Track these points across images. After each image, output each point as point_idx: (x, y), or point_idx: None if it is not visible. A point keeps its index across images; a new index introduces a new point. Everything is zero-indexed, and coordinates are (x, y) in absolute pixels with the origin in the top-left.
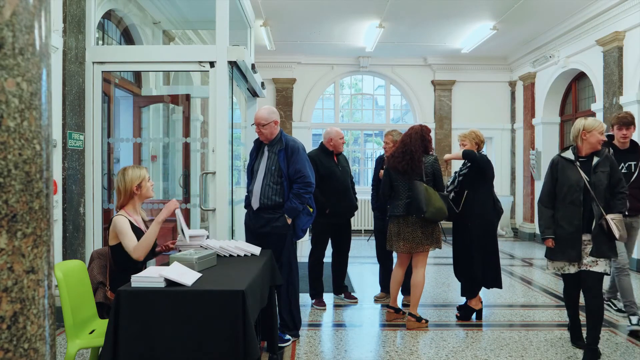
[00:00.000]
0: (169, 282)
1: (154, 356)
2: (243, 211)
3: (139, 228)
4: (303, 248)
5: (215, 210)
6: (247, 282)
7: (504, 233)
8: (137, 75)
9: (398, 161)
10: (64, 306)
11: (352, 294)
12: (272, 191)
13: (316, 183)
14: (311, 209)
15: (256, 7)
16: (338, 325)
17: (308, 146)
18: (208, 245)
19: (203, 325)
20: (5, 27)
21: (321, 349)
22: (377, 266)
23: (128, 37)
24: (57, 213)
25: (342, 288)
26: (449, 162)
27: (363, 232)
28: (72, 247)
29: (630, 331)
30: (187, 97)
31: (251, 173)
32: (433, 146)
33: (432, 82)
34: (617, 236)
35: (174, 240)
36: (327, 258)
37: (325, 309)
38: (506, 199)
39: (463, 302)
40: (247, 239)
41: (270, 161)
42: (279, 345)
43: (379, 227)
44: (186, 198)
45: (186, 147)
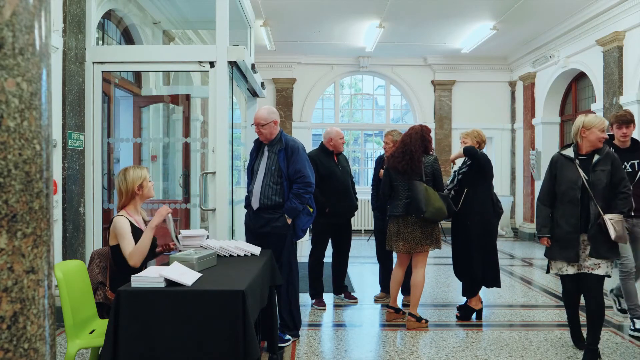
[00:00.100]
0: (169, 282)
1: (154, 356)
2: (243, 211)
3: (140, 228)
4: (303, 248)
5: (215, 210)
6: (247, 282)
7: (504, 233)
8: (137, 75)
9: (398, 161)
10: (64, 306)
11: (352, 294)
12: (272, 191)
13: (316, 183)
14: (311, 209)
15: (256, 7)
16: (338, 325)
17: (308, 146)
18: (208, 245)
19: (203, 325)
20: (5, 27)
21: (321, 349)
22: (377, 266)
23: (128, 37)
24: (57, 213)
25: (342, 288)
26: (450, 163)
27: (363, 232)
28: (72, 247)
29: (631, 335)
30: (187, 97)
31: (251, 173)
32: (433, 146)
33: (432, 82)
34: (613, 237)
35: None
36: (327, 258)
37: (325, 309)
38: (506, 199)
39: (463, 302)
40: (247, 239)
41: (270, 161)
42: (279, 345)
43: (379, 227)
44: (186, 198)
45: (186, 147)
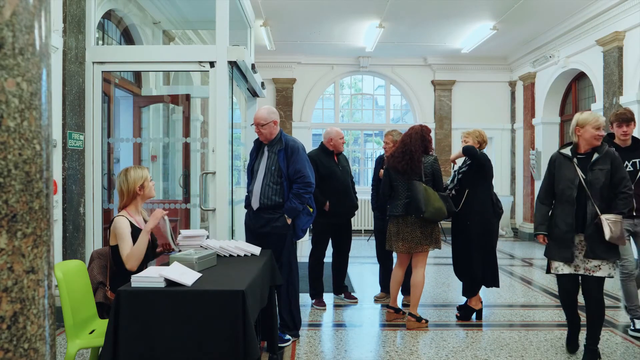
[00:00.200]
0: (169, 282)
1: (154, 356)
2: (243, 211)
3: (140, 228)
4: (303, 248)
5: (215, 210)
6: (247, 282)
7: (504, 233)
8: (137, 75)
9: (398, 161)
10: (64, 306)
11: (352, 294)
12: (272, 191)
13: (316, 183)
14: (311, 209)
15: (256, 7)
16: (338, 325)
17: (308, 146)
18: (208, 245)
19: (203, 325)
20: (5, 27)
21: (321, 349)
22: (377, 266)
23: (128, 37)
24: (57, 213)
25: (342, 288)
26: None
27: (363, 232)
28: (72, 247)
29: (631, 335)
30: (187, 97)
31: (251, 173)
32: (433, 146)
33: (432, 82)
34: (607, 237)
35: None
36: (327, 258)
37: (325, 309)
38: (506, 199)
39: (463, 302)
40: (247, 239)
41: (270, 161)
42: (279, 345)
43: (379, 227)
44: (186, 198)
45: (186, 147)
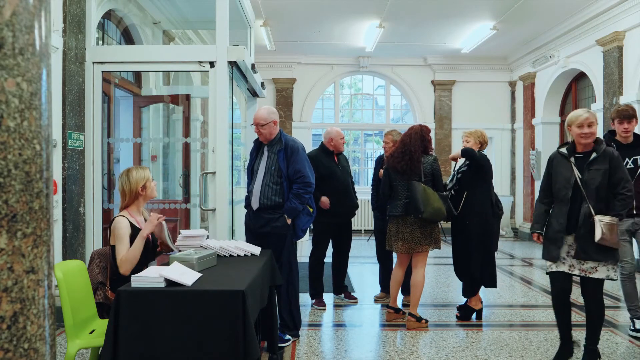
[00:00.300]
0: (169, 282)
1: (154, 356)
2: (243, 211)
3: (140, 229)
4: (303, 248)
5: (215, 210)
6: (247, 282)
7: (504, 233)
8: (137, 75)
9: (397, 161)
10: (64, 306)
11: (352, 294)
12: (272, 191)
13: (316, 183)
14: (311, 209)
15: (256, 7)
16: (338, 325)
17: (308, 146)
18: (208, 245)
19: (203, 325)
20: (5, 27)
21: (321, 349)
22: (377, 266)
23: (128, 37)
24: (57, 213)
25: (342, 288)
26: (450, 162)
27: (363, 232)
28: (72, 247)
29: (631, 335)
30: (187, 97)
31: (251, 173)
32: (433, 146)
33: (432, 82)
34: (596, 238)
35: (174, 240)
36: (327, 258)
37: (325, 309)
38: (506, 199)
39: (463, 302)
40: (247, 239)
41: (269, 161)
42: (279, 345)
43: (379, 227)
44: (186, 198)
45: (186, 147)
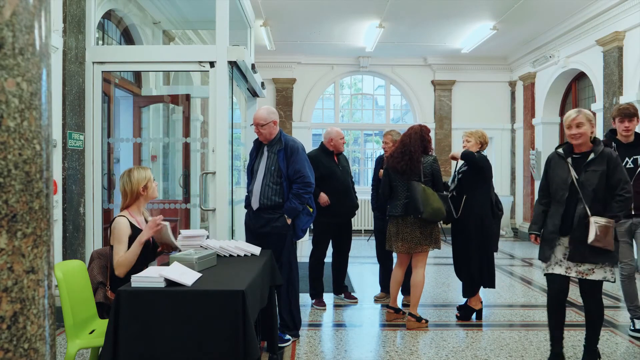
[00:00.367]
0: (169, 282)
1: (154, 356)
2: (243, 211)
3: (140, 229)
4: (303, 248)
5: (215, 210)
6: (247, 282)
7: (504, 233)
8: (137, 75)
9: (397, 161)
10: (64, 306)
11: (352, 294)
12: (272, 191)
13: (316, 183)
14: (311, 209)
15: (256, 7)
16: (338, 325)
17: (308, 146)
18: (208, 245)
19: (203, 325)
20: (5, 27)
21: (321, 349)
22: (377, 266)
23: (128, 37)
24: (57, 213)
25: (342, 288)
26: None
27: (363, 232)
28: (72, 247)
29: (631, 335)
30: (187, 97)
31: (251, 173)
32: (433, 146)
33: (432, 82)
34: (590, 240)
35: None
36: (328, 258)
37: (325, 309)
38: (506, 199)
39: (463, 302)
40: (247, 239)
41: (269, 161)
42: (279, 345)
43: (379, 227)
44: (186, 198)
45: (186, 147)
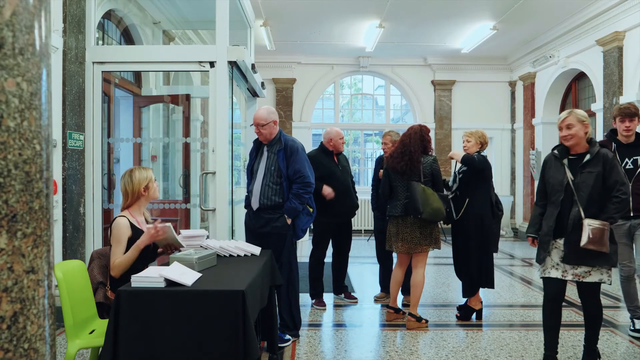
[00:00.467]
0: (169, 282)
1: (154, 356)
2: (243, 211)
3: (141, 229)
4: (303, 248)
5: (215, 210)
6: (247, 282)
7: (504, 233)
8: (137, 75)
9: (397, 161)
10: (64, 306)
11: (352, 294)
12: (272, 191)
13: (316, 183)
14: (311, 209)
15: (256, 7)
16: (338, 325)
17: (308, 146)
18: (208, 245)
19: (203, 325)
20: (5, 27)
21: (321, 349)
22: (377, 266)
23: (128, 37)
24: (57, 213)
25: (342, 288)
26: (450, 162)
27: (363, 232)
28: (72, 247)
29: (631, 335)
30: (187, 97)
31: (251, 173)
32: (433, 146)
33: (432, 82)
34: (583, 243)
35: None
36: (328, 258)
37: (325, 309)
38: (506, 199)
39: (463, 302)
40: (247, 239)
41: (269, 161)
42: (279, 345)
43: (379, 227)
44: (186, 198)
45: (186, 147)
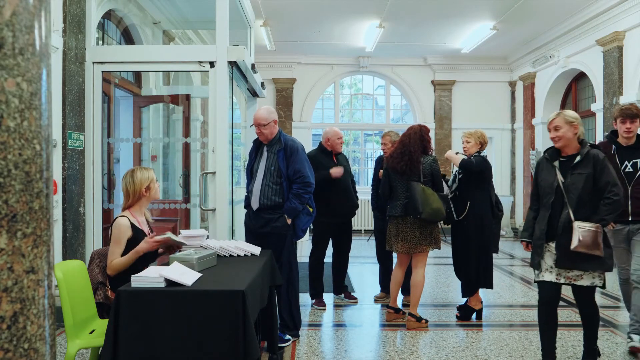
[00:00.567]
0: (169, 282)
1: (154, 356)
2: (243, 211)
3: (141, 229)
4: (303, 248)
5: (215, 210)
6: (247, 282)
7: (504, 233)
8: (137, 75)
9: (397, 161)
10: (64, 306)
11: (352, 294)
12: (272, 191)
13: (315, 183)
14: (311, 209)
15: (256, 7)
16: (338, 325)
17: (308, 146)
18: (208, 245)
19: (203, 325)
20: (5, 27)
21: (321, 349)
22: (377, 266)
23: (128, 37)
24: (57, 213)
25: (342, 288)
26: (449, 162)
27: (363, 232)
28: (72, 247)
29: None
30: (187, 97)
31: (250, 173)
32: (433, 146)
33: (432, 82)
34: (573, 246)
35: None
36: (327, 258)
37: (325, 309)
38: (506, 199)
39: (463, 302)
40: (247, 239)
41: (269, 161)
42: (279, 345)
43: (379, 227)
44: (186, 198)
45: (186, 147)
